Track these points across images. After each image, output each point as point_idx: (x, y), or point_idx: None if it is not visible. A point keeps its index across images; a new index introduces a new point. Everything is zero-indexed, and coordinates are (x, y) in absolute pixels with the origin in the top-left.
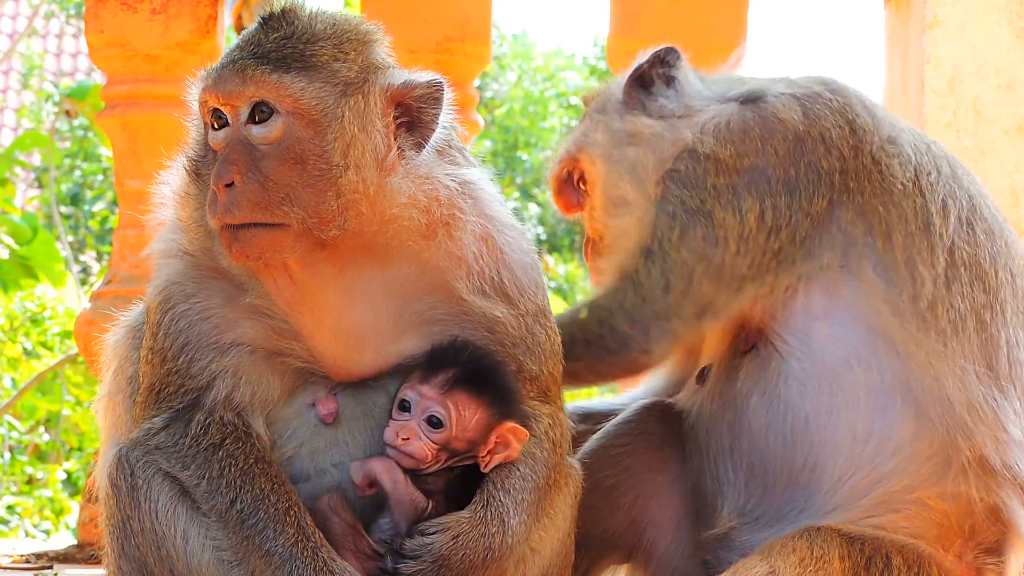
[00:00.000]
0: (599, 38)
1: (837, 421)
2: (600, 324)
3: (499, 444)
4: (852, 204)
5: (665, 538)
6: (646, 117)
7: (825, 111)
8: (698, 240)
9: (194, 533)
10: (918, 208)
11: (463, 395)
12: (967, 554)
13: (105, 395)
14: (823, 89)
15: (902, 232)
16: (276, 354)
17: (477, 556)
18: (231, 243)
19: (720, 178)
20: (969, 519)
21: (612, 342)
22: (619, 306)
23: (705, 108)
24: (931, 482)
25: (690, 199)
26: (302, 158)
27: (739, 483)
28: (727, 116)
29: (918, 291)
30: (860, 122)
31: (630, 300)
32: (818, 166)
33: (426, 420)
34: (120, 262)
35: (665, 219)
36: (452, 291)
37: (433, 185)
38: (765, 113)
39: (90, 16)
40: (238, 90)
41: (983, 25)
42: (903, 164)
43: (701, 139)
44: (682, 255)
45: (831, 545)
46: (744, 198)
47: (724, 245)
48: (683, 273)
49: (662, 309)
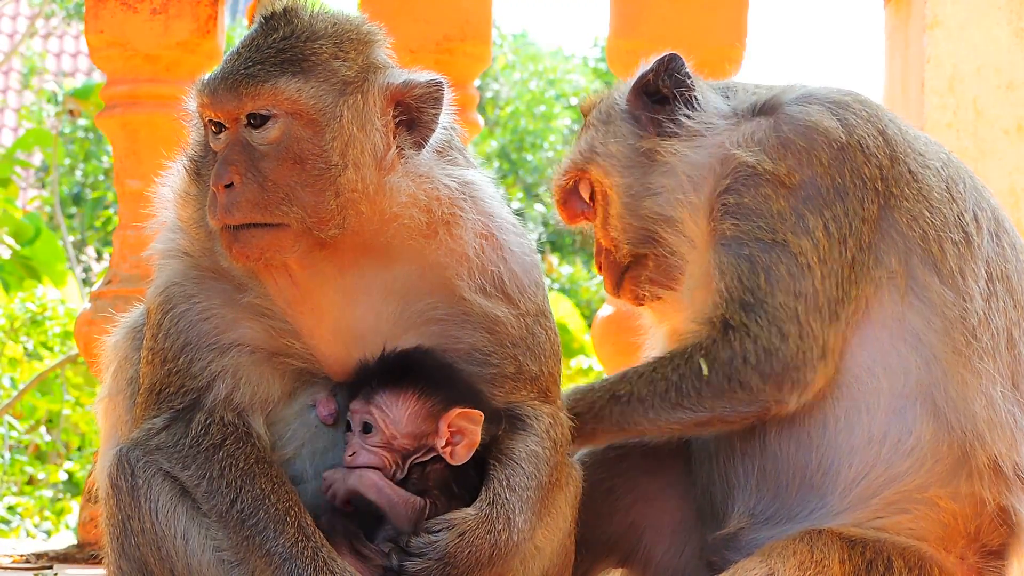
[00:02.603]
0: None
1: (855, 423)
2: (729, 380)
3: (455, 433)
4: (901, 209)
5: (663, 543)
6: (664, 135)
7: (858, 120)
8: (785, 277)
9: (194, 533)
10: (956, 217)
11: (386, 395)
12: (969, 556)
13: (105, 396)
14: (850, 99)
15: (950, 240)
16: (276, 354)
17: (483, 553)
18: (231, 243)
19: (780, 201)
20: (976, 521)
21: (745, 396)
22: (743, 361)
23: (733, 125)
24: (944, 481)
25: (761, 232)
26: (301, 157)
27: (750, 485)
28: (763, 132)
29: (968, 305)
30: (890, 131)
31: (753, 354)
32: (861, 173)
33: (361, 430)
34: (120, 262)
35: (745, 264)
36: (453, 290)
37: (433, 184)
38: (801, 124)
39: (90, 16)
40: (233, 105)
41: (983, 25)
42: (935, 173)
43: (746, 160)
44: (778, 299)
45: (831, 549)
46: (806, 216)
47: (809, 273)
48: (789, 316)
49: (789, 359)
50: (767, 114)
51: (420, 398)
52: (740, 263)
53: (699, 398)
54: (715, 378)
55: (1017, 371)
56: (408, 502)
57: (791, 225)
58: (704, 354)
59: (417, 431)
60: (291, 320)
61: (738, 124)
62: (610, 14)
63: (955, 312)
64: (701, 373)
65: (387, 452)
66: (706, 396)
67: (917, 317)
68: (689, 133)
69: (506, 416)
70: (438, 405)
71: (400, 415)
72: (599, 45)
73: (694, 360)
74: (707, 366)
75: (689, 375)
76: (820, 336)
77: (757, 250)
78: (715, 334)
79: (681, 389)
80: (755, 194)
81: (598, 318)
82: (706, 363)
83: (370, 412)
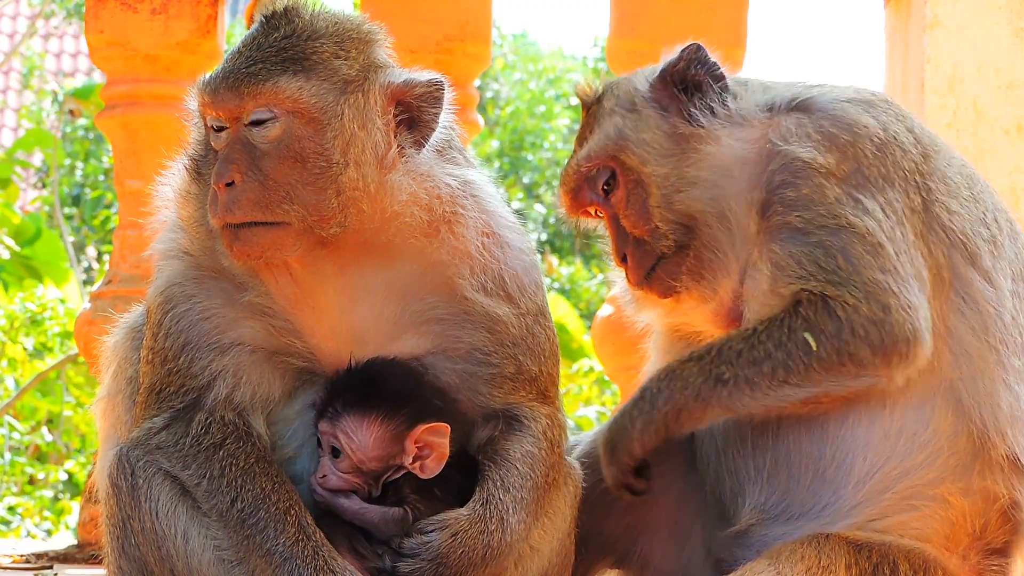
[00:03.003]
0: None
1: (876, 417)
2: (839, 353)
3: (423, 448)
4: (939, 204)
5: (661, 544)
6: (697, 123)
7: (890, 118)
8: (864, 255)
9: (195, 532)
10: (981, 216)
11: (351, 420)
12: (972, 556)
13: (104, 396)
14: (876, 99)
15: (981, 238)
16: (277, 353)
17: (476, 553)
18: (232, 242)
19: (835, 188)
20: (983, 518)
21: (855, 369)
22: (851, 333)
23: (769, 118)
24: (957, 476)
25: (823, 219)
26: (302, 156)
27: (761, 479)
28: (806, 127)
29: (1002, 303)
30: (917, 130)
31: (860, 326)
32: (901, 166)
33: (331, 453)
34: (120, 262)
35: (818, 250)
36: (454, 289)
37: (434, 183)
38: (841, 120)
39: (90, 16)
40: (234, 104)
41: (983, 25)
42: (958, 172)
43: (799, 154)
44: (865, 275)
45: (838, 554)
46: (862, 200)
47: (882, 250)
48: (883, 289)
49: (897, 330)
50: (804, 111)
51: (384, 421)
52: (813, 250)
53: (808, 374)
54: (824, 352)
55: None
56: (386, 516)
57: (851, 208)
58: (807, 327)
59: (384, 453)
60: (292, 319)
61: (774, 118)
62: (610, 14)
63: (991, 309)
64: (809, 347)
65: (357, 477)
66: (816, 371)
67: (954, 313)
68: (731, 123)
69: (503, 417)
70: (402, 424)
71: (366, 440)
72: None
73: (797, 334)
74: (814, 340)
75: (796, 352)
76: (920, 307)
77: (825, 235)
78: (811, 308)
79: (788, 367)
80: (812, 184)
81: (598, 318)
82: (812, 337)
83: (336, 437)
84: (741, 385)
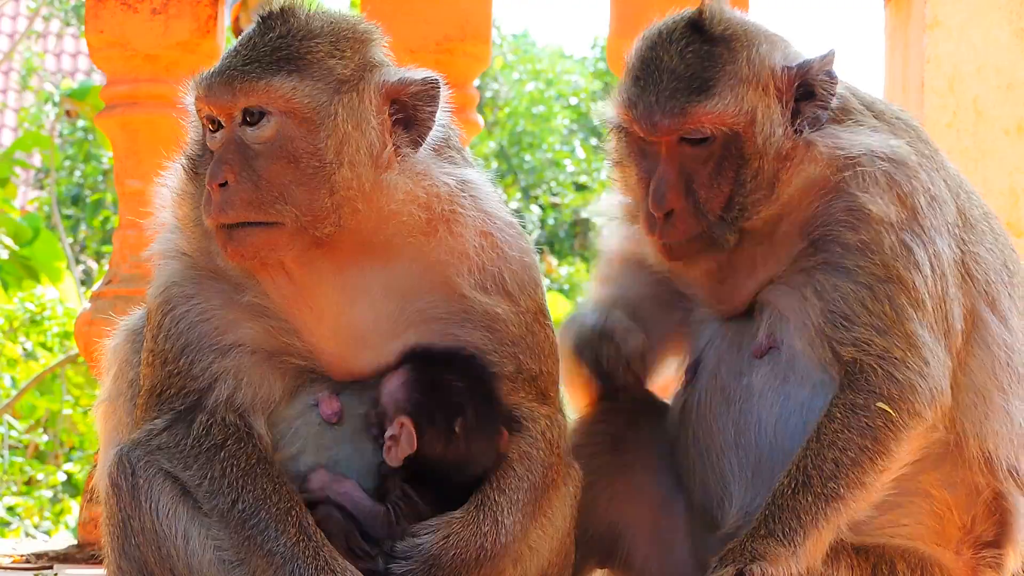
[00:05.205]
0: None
1: None
2: (909, 414)
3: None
4: (969, 254)
5: (643, 544)
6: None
7: (931, 165)
8: (907, 307)
9: (195, 533)
10: (1003, 258)
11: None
12: (965, 551)
13: (105, 400)
14: (915, 135)
15: (1001, 282)
16: (277, 354)
17: (469, 555)
18: (226, 243)
19: (891, 236)
20: (970, 512)
21: (915, 423)
22: (912, 390)
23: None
24: (934, 465)
25: (875, 267)
26: (295, 156)
27: (745, 478)
28: (872, 172)
29: (1017, 346)
30: (950, 178)
31: (915, 382)
32: (945, 219)
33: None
34: (120, 262)
35: (865, 292)
36: (453, 288)
37: (432, 181)
38: (898, 161)
39: (90, 16)
40: (227, 100)
41: (983, 25)
42: (982, 215)
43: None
44: (907, 327)
45: (840, 555)
46: (914, 252)
47: (922, 307)
48: (923, 343)
49: (936, 384)
50: (873, 154)
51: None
52: (860, 290)
53: (889, 445)
54: (900, 416)
55: None
56: (373, 511)
57: (903, 261)
58: (878, 397)
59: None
60: (290, 319)
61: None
62: (610, 14)
63: (1005, 354)
64: (889, 418)
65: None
66: (894, 440)
67: (972, 358)
68: (822, 145)
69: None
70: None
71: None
72: (599, 45)
73: (871, 410)
74: (889, 407)
75: (881, 428)
76: (947, 363)
77: (874, 281)
78: (873, 374)
79: (878, 450)
80: (871, 231)
81: None
82: (887, 405)
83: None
84: (854, 492)
